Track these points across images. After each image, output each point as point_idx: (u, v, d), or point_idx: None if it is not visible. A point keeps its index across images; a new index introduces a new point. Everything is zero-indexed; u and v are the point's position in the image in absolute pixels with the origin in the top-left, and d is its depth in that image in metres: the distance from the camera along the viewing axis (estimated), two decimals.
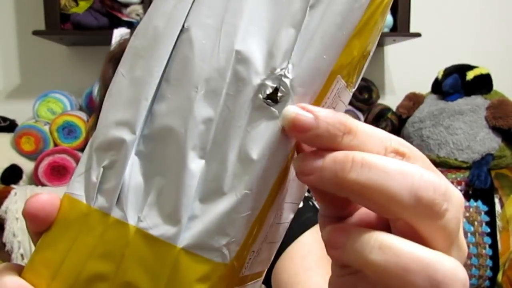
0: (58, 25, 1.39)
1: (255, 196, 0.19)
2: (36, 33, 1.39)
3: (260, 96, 0.19)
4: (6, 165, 1.35)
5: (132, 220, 0.20)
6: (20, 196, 1.25)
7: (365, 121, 1.54)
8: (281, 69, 0.19)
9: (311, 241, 0.58)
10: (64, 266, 0.20)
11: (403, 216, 0.17)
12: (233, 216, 0.19)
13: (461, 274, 0.16)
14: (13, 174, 1.35)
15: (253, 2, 0.20)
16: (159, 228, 0.19)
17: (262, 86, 0.19)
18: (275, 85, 0.19)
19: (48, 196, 0.21)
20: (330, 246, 0.18)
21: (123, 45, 0.72)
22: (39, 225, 0.21)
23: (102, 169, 0.20)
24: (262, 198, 0.19)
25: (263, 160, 0.18)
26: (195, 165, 0.19)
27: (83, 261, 0.20)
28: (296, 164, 0.18)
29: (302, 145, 0.20)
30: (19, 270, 0.21)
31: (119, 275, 0.19)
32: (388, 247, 0.16)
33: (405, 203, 0.16)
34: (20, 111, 1.55)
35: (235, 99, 0.19)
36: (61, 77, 1.59)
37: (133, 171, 0.20)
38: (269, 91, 0.19)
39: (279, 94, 0.18)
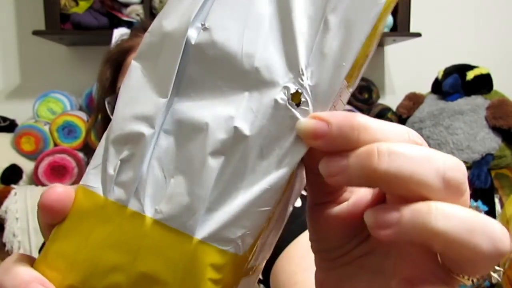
0: (58, 25, 1.39)
1: (274, 191, 0.19)
2: (36, 33, 1.39)
3: (284, 96, 0.19)
4: (6, 165, 1.35)
5: (149, 212, 0.20)
6: (20, 196, 1.25)
7: None
8: (302, 76, 0.19)
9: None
10: (80, 258, 0.20)
11: (431, 198, 0.17)
12: (251, 210, 0.19)
13: (507, 232, 0.17)
14: (13, 174, 1.35)
15: (272, 8, 0.20)
16: (176, 219, 0.20)
17: (284, 88, 0.19)
18: (296, 88, 0.19)
19: (64, 188, 0.21)
20: (381, 226, 0.17)
21: (120, 46, 0.71)
22: (54, 217, 0.21)
23: (119, 162, 0.21)
24: (279, 194, 0.20)
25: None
26: (215, 160, 0.20)
27: (99, 253, 0.20)
28: (322, 167, 0.19)
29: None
30: (31, 262, 0.21)
31: (136, 266, 0.20)
32: (452, 212, 0.16)
33: (435, 187, 0.17)
34: (20, 111, 1.55)
35: (257, 100, 0.20)
36: (61, 77, 1.59)
37: (150, 164, 0.20)
38: (291, 91, 0.19)
39: (301, 99, 0.19)
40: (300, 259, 0.55)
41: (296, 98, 0.19)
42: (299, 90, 0.19)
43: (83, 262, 0.20)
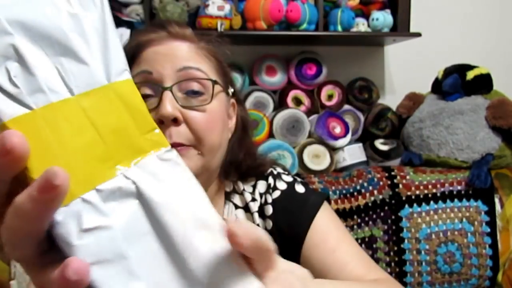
0: None
1: None
2: None
3: None
4: None
5: (68, 94, 0.24)
6: None
7: (365, 121, 1.54)
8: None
9: (327, 222, 0.63)
10: (60, 160, 0.22)
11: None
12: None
13: None
14: None
15: None
16: (89, 84, 0.24)
17: None
18: None
19: (7, 131, 0.21)
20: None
21: (136, 39, 0.70)
22: (18, 160, 0.21)
23: (13, 78, 0.23)
24: None
25: None
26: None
27: (71, 144, 0.23)
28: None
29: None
30: None
31: (102, 131, 0.24)
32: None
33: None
34: None
35: None
36: None
37: (39, 62, 0.23)
38: None
39: None
40: (323, 243, 0.60)
41: None
42: None
43: (64, 160, 0.23)
